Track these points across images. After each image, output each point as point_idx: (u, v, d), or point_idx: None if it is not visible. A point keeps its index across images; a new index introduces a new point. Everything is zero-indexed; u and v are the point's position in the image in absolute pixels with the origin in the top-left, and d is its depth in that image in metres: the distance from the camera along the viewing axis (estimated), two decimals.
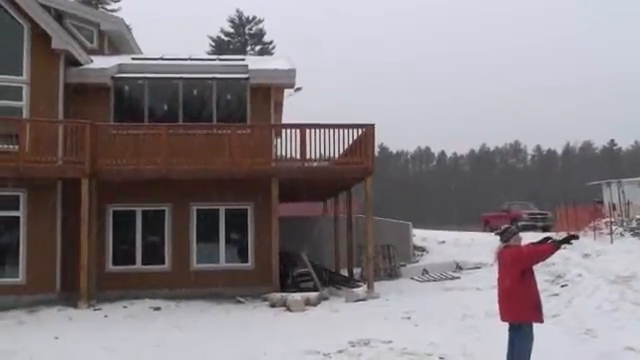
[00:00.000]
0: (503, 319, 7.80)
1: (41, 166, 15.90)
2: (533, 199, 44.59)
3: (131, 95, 18.35)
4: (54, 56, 17.20)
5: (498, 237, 7.99)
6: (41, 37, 17.03)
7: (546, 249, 7.61)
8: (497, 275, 7.94)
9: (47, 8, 18.22)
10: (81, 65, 17.83)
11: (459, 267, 20.74)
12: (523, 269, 7.56)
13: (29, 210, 16.54)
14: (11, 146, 15.79)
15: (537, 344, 7.78)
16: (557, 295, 14.24)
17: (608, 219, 23.78)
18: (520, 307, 7.54)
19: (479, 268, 20.18)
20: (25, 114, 16.81)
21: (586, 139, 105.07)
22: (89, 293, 15.64)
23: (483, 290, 15.33)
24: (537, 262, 7.72)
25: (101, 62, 18.57)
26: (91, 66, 18.08)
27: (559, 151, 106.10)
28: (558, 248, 7.59)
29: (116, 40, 21.33)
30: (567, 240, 7.99)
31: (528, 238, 8.02)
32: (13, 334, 12.45)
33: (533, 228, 28.63)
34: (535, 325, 7.66)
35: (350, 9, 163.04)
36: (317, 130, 16.92)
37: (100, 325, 13.49)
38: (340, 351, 10.15)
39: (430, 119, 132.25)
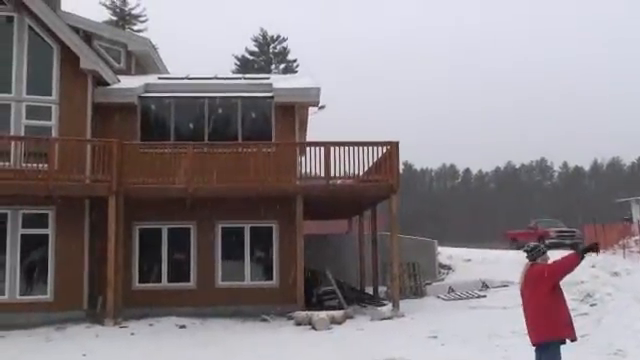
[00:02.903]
0: (534, 342, 7.57)
1: (70, 184, 16.11)
2: (560, 216, 44.05)
3: (157, 114, 18.59)
4: (82, 76, 17.52)
5: (525, 254, 7.88)
6: (70, 58, 17.36)
7: (569, 261, 7.45)
8: (522, 295, 7.79)
9: (76, 29, 18.58)
10: (109, 85, 18.11)
11: (485, 285, 20.53)
12: (549, 287, 7.43)
13: (57, 228, 16.77)
14: (41, 165, 16.05)
15: None
16: (586, 314, 14.01)
17: (638, 237, 23.40)
18: (550, 324, 7.38)
19: (506, 286, 19.94)
20: (54, 133, 17.11)
21: (614, 155, 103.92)
22: (116, 310, 15.75)
23: (509, 309, 15.13)
24: (562, 275, 7.52)
25: (128, 82, 18.86)
26: (118, 86, 18.35)
27: (586, 167, 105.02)
28: (582, 258, 7.44)
29: (143, 60, 21.67)
30: (590, 249, 7.83)
31: (555, 256, 7.89)
32: (42, 351, 12.59)
33: (561, 246, 28.26)
34: (565, 344, 7.53)
35: (371, 21, 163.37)
36: (341, 148, 16.95)
37: (127, 342, 13.57)
38: None
39: (455, 136, 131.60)
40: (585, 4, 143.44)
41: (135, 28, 53.13)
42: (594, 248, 7.82)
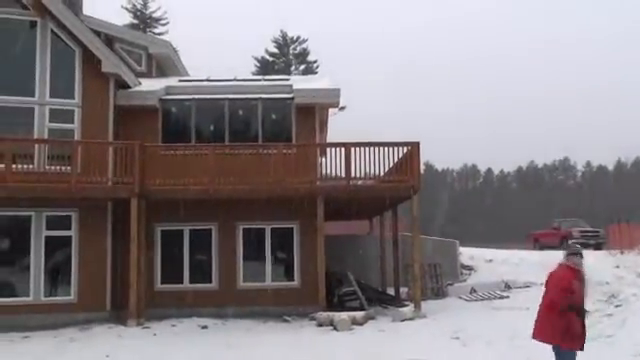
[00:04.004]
0: (533, 337, 7.67)
1: (92, 186, 16.26)
2: (584, 216, 43.56)
3: (178, 116, 18.71)
4: (104, 79, 17.68)
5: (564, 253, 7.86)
6: (92, 61, 17.54)
7: (557, 301, 7.36)
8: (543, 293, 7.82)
9: (98, 33, 18.76)
10: (130, 88, 18.25)
11: (508, 286, 20.35)
12: (552, 295, 7.43)
13: (80, 230, 16.94)
14: (64, 167, 16.22)
15: None
16: (611, 315, 13.86)
17: None
18: (550, 330, 7.37)
19: (529, 287, 19.75)
20: (77, 136, 17.29)
21: (639, 154, 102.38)
22: (138, 311, 15.86)
23: (532, 310, 14.92)
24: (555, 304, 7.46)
25: (149, 84, 19.00)
26: (140, 88, 18.50)
27: (610, 167, 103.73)
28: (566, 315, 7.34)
29: (164, 63, 21.82)
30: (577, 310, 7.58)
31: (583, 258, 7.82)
32: (66, 351, 12.73)
33: (585, 246, 27.98)
34: (587, 346, 7.47)
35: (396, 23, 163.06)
36: (362, 148, 16.92)
37: (149, 343, 13.66)
38: None
39: (476, 136, 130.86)
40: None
41: (156, 31, 53.64)
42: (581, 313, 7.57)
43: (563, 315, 7.34)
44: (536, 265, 21.84)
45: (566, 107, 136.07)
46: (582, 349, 7.45)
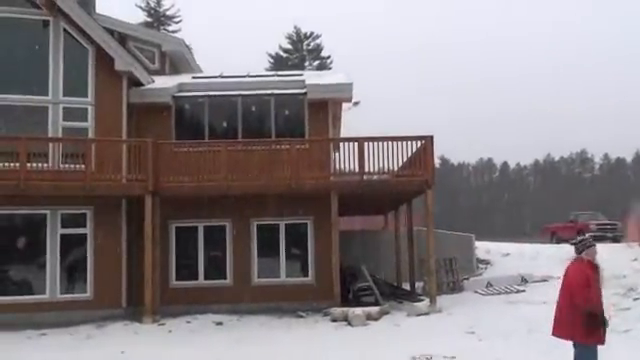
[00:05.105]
0: (553, 333, 7.55)
1: (106, 184, 16.32)
2: (602, 209, 43.13)
3: (191, 113, 18.73)
4: (117, 77, 17.73)
5: (573, 248, 7.73)
6: (105, 60, 17.60)
7: (583, 302, 7.20)
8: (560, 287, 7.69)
9: (111, 31, 18.83)
10: (143, 85, 18.29)
11: (524, 280, 20.16)
12: (572, 294, 7.30)
13: (95, 227, 17.03)
14: (78, 165, 16.29)
15: None
16: (628, 309, 13.68)
17: None
18: (571, 326, 7.26)
19: (546, 281, 19.55)
20: (90, 134, 17.38)
21: None
22: (153, 308, 15.91)
23: (549, 304, 14.78)
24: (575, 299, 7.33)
25: (162, 82, 19.03)
26: (153, 86, 18.53)
27: (629, 159, 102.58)
28: (592, 323, 7.20)
29: (177, 60, 21.85)
30: (598, 323, 7.42)
31: (598, 250, 7.70)
32: (82, 348, 12.81)
33: (602, 239, 27.69)
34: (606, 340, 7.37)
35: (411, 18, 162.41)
36: (375, 143, 16.84)
37: (164, 340, 13.71)
38: None
39: (491, 129, 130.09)
40: None
41: (170, 29, 53.77)
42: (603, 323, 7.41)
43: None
44: (553, 259, 21.66)
45: (584, 98, 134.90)
46: (603, 343, 7.34)
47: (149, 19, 54.48)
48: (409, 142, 17.09)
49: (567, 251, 14.19)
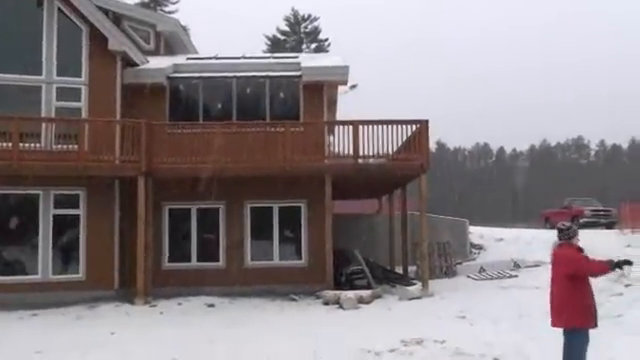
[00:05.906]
0: (553, 325, 7.52)
1: (99, 165, 16.25)
2: (596, 195, 43.17)
3: (186, 94, 18.63)
4: (111, 57, 17.59)
5: (557, 233, 7.69)
6: (99, 39, 17.45)
7: (599, 269, 7.33)
8: (550, 276, 7.65)
9: (105, 11, 18.66)
10: (138, 66, 18.15)
11: (517, 265, 20.22)
12: (575, 274, 7.28)
13: (88, 208, 16.98)
14: (71, 146, 16.19)
15: (597, 346, 7.50)
16: (620, 294, 13.72)
17: None
18: (571, 312, 7.25)
19: (538, 266, 19.59)
20: (84, 114, 17.26)
21: None
22: (146, 290, 15.92)
23: (541, 289, 14.80)
24: (586, 275, 7.39)
25: (157, 62, 18.90)
26: (147, 66, 18.39)
27: (624, 146, 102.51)
28: (611, 270, 7.30)
29: (172, 41, 21.71)
30: (621, 264, 7.57)
31: (591, 236, 7.71)
32: (72, 327, 12.82)
33: (596, 225, 27.73)
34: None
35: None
36: (370, 127, 16.76)
37: (155, 321, 13.71)
38: (392, 350, 10.00)
39: (488, 115, 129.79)
40: None
41: (166, 9, 53.30)
42: (625, 264, 7.55)
43: (577, 289, 7.24)
44: (546, 244, 21.49)
45: (580, 84, 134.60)
46: (595, 326, 7.35)
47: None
48: (404, 126, 17.03)
49: None
